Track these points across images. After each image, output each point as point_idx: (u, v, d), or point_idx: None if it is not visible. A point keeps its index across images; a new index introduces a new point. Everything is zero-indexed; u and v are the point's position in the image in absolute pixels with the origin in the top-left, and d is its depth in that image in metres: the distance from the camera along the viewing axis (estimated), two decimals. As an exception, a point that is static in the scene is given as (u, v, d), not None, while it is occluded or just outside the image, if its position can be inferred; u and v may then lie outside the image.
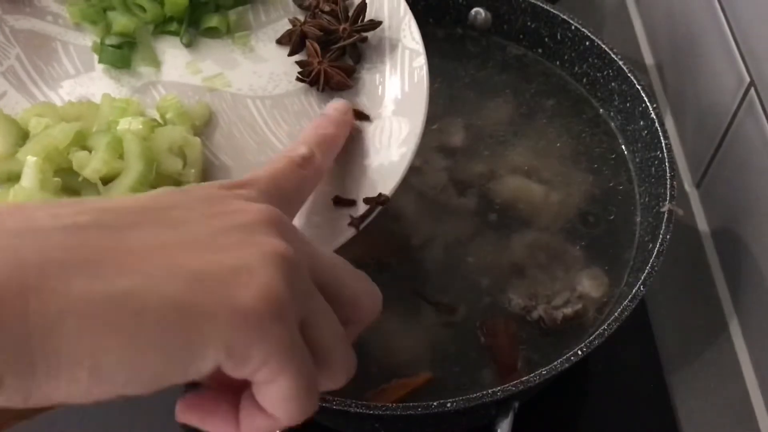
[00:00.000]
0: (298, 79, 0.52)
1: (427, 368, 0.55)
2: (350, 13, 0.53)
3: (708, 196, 0.74)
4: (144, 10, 0.54)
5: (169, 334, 0.25)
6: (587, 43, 0.67)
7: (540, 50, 0.71)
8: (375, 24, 0.52)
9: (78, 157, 0.46)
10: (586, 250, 0.60)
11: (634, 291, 0.52)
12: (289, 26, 0.54)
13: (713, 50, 0.70)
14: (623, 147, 0.66)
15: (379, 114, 0.50)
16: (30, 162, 0.45)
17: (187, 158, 0.49)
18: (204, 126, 0.52)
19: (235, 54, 0.55)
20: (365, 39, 0.53)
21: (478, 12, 0.71)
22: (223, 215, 0.28)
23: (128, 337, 0.24)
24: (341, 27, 0.52)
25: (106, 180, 0.46)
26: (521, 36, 0.71)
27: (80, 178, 0.46)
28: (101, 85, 0.54)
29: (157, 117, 0.51)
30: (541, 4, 0.68)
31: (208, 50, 0.55)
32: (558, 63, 0.70)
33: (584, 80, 0.69)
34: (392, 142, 0.49)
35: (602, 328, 0.50)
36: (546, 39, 0.70)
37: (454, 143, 0.65)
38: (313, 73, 0.52)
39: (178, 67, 0.55)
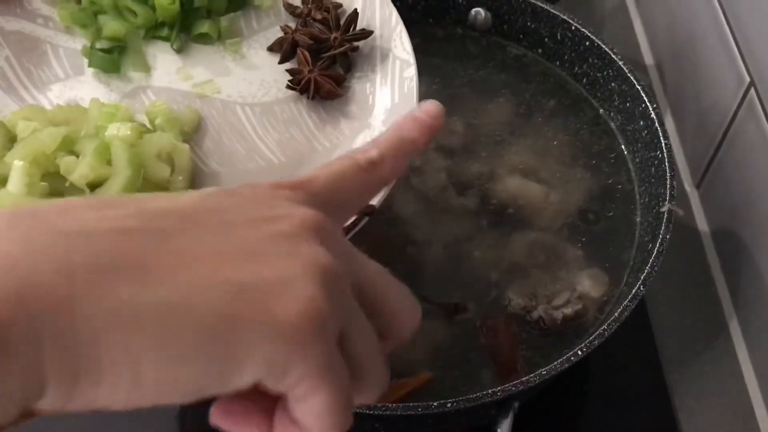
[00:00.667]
0: (288, 86, 0.53)
1: (427, 368, 0.55)
2: (342, 22, 0.53)
3: (708, 196, 0.74)
4: (135, 14, 0.54)
5: (212, 346, 0.24)
6: (587, 43, 0.67)
7: (540, 50, 0.71)
8: (366, 33, 0.52)
9: (65, 162, 0.46)
10: (586, 250, 0.60)
11: (634, 291, 0.52)
12: (280, 34, 0.54)
13: (713, 50, 0.70)
14: (623, 147, 0.66)
15: (368, 123, 0.50)
16: (17, 166, 0.45)
17: (175, 165, 0.48)
18: (193, 132, 0.52)
19: (226, 61, 0.55)
20: (356, 48, 0.53)
21: (478, 12, 0.71)
22: (269, 221, 0.28)
23: (170, 347, 0.24)
24: (332, 36, 0.52)
25: (94, 185, 0.46)
26: (521, 36, 0.71)
27: (67, 183, 0.46)
28: (91, 89, 0.54)
29: (146, 122, 0.51)
30: (541, 4, 0.68)
31: (199, 56, 0.55)
32: (558, 63, 0.70)
33: (584, 80, 0.69)
34: None
35: (602, 328, 0.50)
36: (546, 39, 0.70)
37: (454, 143, 0.65)
38: (303, 81, 0.52)
39: (168, 73, 0.55)
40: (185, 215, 0.27)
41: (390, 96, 0.51)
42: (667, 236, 0.54)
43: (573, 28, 0.67)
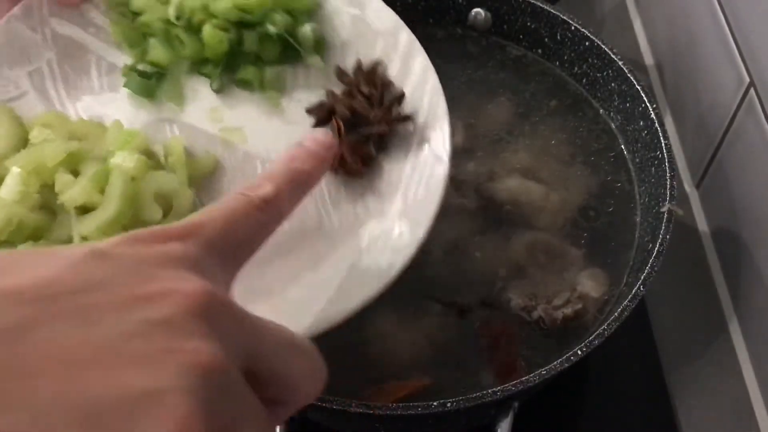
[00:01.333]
0: None
1: (427, 368, 0.55)
2: (386, 100, 0.49)
3: (708, 196, 0.74)
4: (183, 45, 0.52)
5: None
6: (587, 44, 0.67)
7: (540, 50, 0.71)
8: (408, 119, 0.49)
9: (62, 180, 0.44)
10: (586, 250, 0.60)
11: (633, 291, 0.52)
12: (323, 96, 0.51)
13: (713, 50, 0.70)
14: (623, 147, 0.66)
15: (383, 211, 0.47)
16: (14, 173, 0.44)
17: (173, 208, 0.46)
18: (202, 180, 0.49)
19: (262, 111, 0.52)
20: (392, 132, 0.49)
21: (478, 12, 0.71)
22: (146, 302, 0.24)
23: None
24: (373, 113, 0.49)
25: (85, 209, 0.44)
26: (521, 36, 0.71)
27: (59, 201, 0.44)
28: (120, 108, 0.52)
29: (161, 155, 0.49)
30: (541, 5, 0.68)
31: (236, 100, 0.53)
32: (558, 63, 0.70)
33: (584, 80, 0.69)
34: (386, 247, 0.45)
35: (602, 328, 0.50)
36: (546, 39, 0.70)
37: (454, 143, 0.65)
38: None
39: (200, 110, 0.52)
40: (44, 298, 0.23)
41: (414, 189, 0.47)
42: (667, 236, 0.54)
43: (573, 28, 0.67)
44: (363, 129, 0.48)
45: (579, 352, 0.50)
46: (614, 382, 0.66)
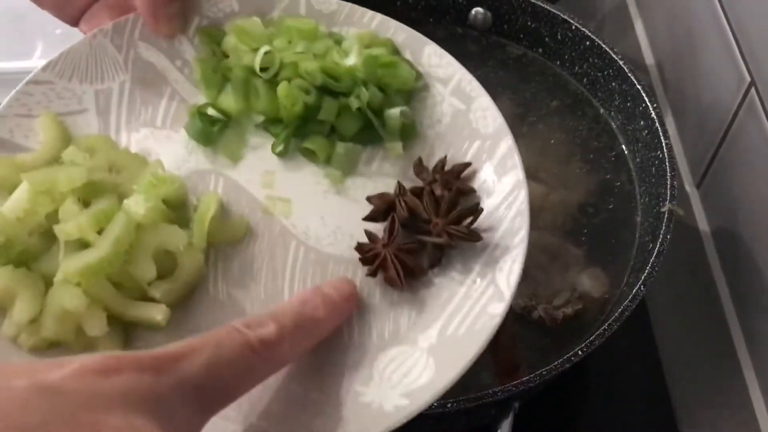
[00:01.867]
0: (355, 248, 0.44)
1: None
2: (456, 210, 0.43)
3: (708, 196, 0.74)
4: (258, 98, 0.48)
5: None
6: (587, 43, 0.67)
7: (540, 50, 0.71)
8: (474, 238, 0.42)
9: (66, 209, 0.41)
10: (587, 250, 0.60)
11: (634, 291, 0.52)
12: (392, 186, 0.45)
13: (714, 50, 0.70)
14: (623, 147, 0.66)
15: (411, 338, 0.41)
16: (22, 188, 0.42)
17: (177, 269, 0.42)
18: (229, 245, 0.45)
19: (320, 188, 0.47)
20: (454, 246, 0.43)
21: (479, 12, 0.71)
22: None
23: None
24: (434, 221, 0.42)
25: (81, 245, 0.41)
26: (521, 36, 0.71)
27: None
28: (172, 148, 0.48)
29: (193, 206, 0.46)
30: (541, 4, 0.68)
31: (294, 169, 0.48)
32: (558, 63, 0.70)
33: (584, 80, 0.69)
34: (399, 385, 0.39)
35: (602, 328, 0.50)
36: (546, 39, 0.70)
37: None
38: (371, 253, 0.43)
39: (253, 171, 0.48)
40: None
41: (458, 322, 0.41)
42: (668, 236, 0.54)
43: (573, 27, 0.67)
44: (419, 236, 0.43)
45: (579, 352, 0.50)
46: (614, 382, 0.66)
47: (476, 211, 0.43)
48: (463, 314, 0.41)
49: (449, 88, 0.49)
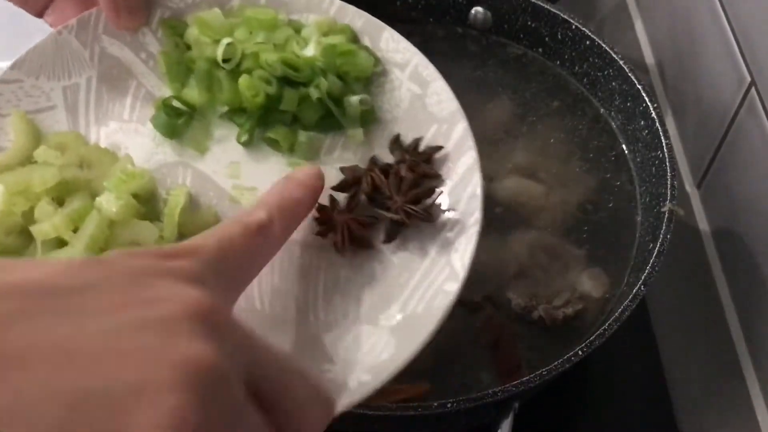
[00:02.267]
0: (316, 208, 0.44)
1: (427, 368, 0.55)
2: (418, 190, 0.44)
3: (709, 196, 0.74)
4: (222, 89, 0.49)
5: None
6: (587, 43, 0.67)
7: (540, 50, 0.71)
8: (430, 218, 0.43)
9: (42, 209, 0.43)
10: (587, 250, 0.60)
11: (634, 291, 0.52)
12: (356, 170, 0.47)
13: (714, 50, 0.70)
14: (624, 147, 0.66)
15: (373, 317, 0.42)
16: None
17: None
18: (199, 232, 0.46)
19: (282, 176, 0.47)
20: (409, 225, 0.44)
21: (479, 11, 0.71)
22: (141, 305, 0.23)
23: None
24: (394, 198, 0.44)
25: (58, 243, 0.42)
26: (521, 35, 0.71)
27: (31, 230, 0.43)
28: (140, 142, 0.49)
29: (162, 199, 0.47)
30: (541, 4, 0.68)
31: (259, 158, 0.49)
32: (558, 62, 0.70)
33: (585, 80, 0.69)
34: (362, 362, 0.40)
35: (603, 328, 0.50)
36: (546, 38, 0.70)
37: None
38: (326, 216, 0.44)
39: (219, 162, 0.49)
40: (35, 293, 0.22)
41: (416, 301, 0.42)
42: (668, 236, 0.54)
43: (573, 27, 0.67)
44: (379, 211, 0.44)
45: (580, 352, 0.50)
46: (614, 382, 0.66)
47: (434, 192, 0.44)
48: (421, 293, 0.42)
49: (407, 72, 0.50)
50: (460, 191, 0.45)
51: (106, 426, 0.20)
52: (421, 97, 0.49)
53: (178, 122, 0.49)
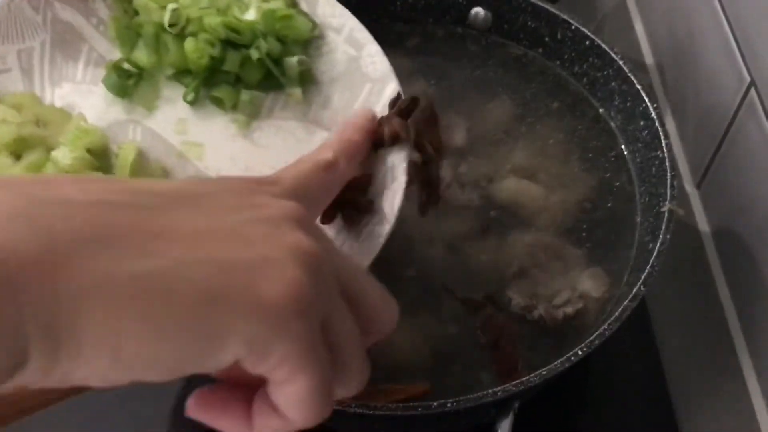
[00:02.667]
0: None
1: (427, 368, 0.55)
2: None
3: (708, 196, 0.74)
4: (168, 52, 0.52)
5: (193, 321, 0.24)
6: (587, 43, 0.67)
7: (540, 50, 0.71)
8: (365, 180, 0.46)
9: (0, 162, 0.46)
10: (587, 250, 0.60)
11: (634, 291, 0.52)
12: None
13: (714, 50, 0.70)
14: (623, 147, 0.66)
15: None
16: None
17: None
18: None
19: (228, 133, 0.52)
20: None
21: (478, 11, 0.71)
22: (251, 207, 0.28)
23: (152, 321, 0.23)
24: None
25: None
26: (521, 35, 0.71)
27: None
28: (93, 102, 0.53)
29: (114, 154, 0.51)
30: (541, 4, 0.68)
31: (205, 117, 0.53)
32: (558, 62, 0.70)
33: (584, 80, 0.69)
34: None
35: (603, 328, 0.50)
36: (546, 38, 0.70)
37: (454, 143, 0.65)
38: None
39: (167, 119, 0.53)
40: (171, 195, 0.27)
41: (350, 242, 0.45)
42: (668, 236, 0.54)
43: (573, 27, 0.67)
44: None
45: (579, 352, 0.50)
46: (614, 381, 0.66)
47: (369, 180, 0.46)
48: (354, 235, 0.45)
49: (342, 36, 0.53)
50: (390, 146, 0.47)
51: (245, 287, 0.25)
52: (356, 59, 0.52)
53: (128, 83, 0.53)
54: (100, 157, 0.50)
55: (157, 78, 0.54)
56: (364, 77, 0.51)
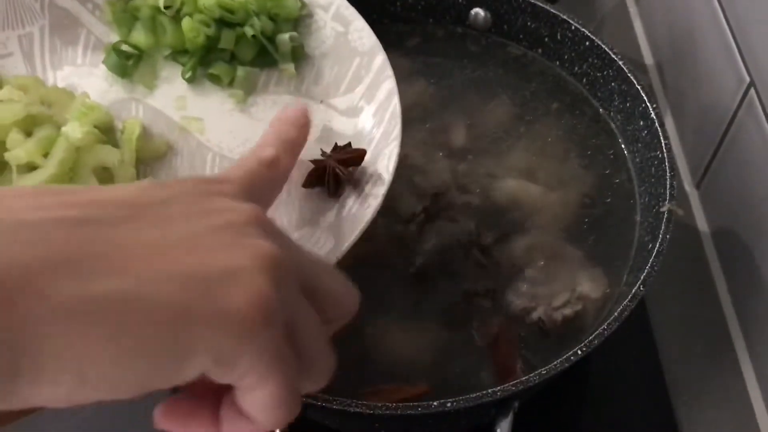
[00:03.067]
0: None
1: (427, 368, 0.55)
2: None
3: (708, 196, 0.74)
4: (165, 33, 0.55)
5: (158, 339, 0.24)
6: (587, 43, 0.67)
7: (540, 50, 0.71)
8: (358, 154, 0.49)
9: (12, 138, 0.47)
10: (586, 251, 0.60)
11: (633, 291, 0.52)
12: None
13: (713, 50, 0.70)
14: (623, 147, 0.66)
15: (314, 221, 0.48)
16: None
17: (116, 180, 0.49)
18: (154, 160, 0.52)
19: (226, 107, 0.55)
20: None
21: (478, 12, 0.71)
22: (211, 213, 0.28)
23: (115, 343, 0.23)
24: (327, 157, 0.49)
25: (33, 169, 0.48)
26: (521, 36, 0.71)
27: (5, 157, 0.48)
28: (95, 83, 0.55)
29: (119, 130, 0.53)
30: (541, 4, 0.68)
31: (203, 93, 0.55)
32: (558, 63, 0.70)
33: (584, 80, 0.69)
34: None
35: (602, 328, 0.50)
36: (546, 39, 0.70)
37: (454, 143, 0.65)
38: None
39: (167, 96, 0.55)
40: (127, 206, 0.27)
41: (350, 204, 0.48)
42: (667, 236, 0.54)
43: (573, 27, 0.67)
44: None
45: (579, 352, 0.50)
46: (614, 382, 0.66)
47: (363, 155, 0.49)
48: (354, 197, 0.48)
49: (330, 13, 0.56)
50: (383, 112, 0.51)
51: (209, 300, 0.25)
52: (344, 34, 0.55)
53: (128, 63, 0.55)
54: (106, 133, 0.52)
55: (156, 58, 0.56)
56: (352, 51, 0.54)
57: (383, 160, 0.48)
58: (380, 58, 0.53)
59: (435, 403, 0.48)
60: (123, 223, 0.26)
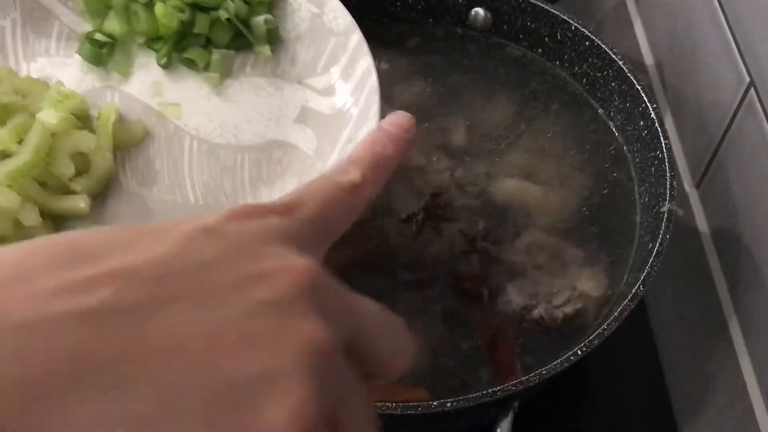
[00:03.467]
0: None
1: (426, 368, 0.55)
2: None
3: (708, 196, 0.74)
4: (139, 20, 0.55)
5: None
6: (587, 43, 0.67)
7: (540, 50, 0.71)
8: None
9: None
10: (586, 250, 0.60)
11: (633, 291, 0.52)
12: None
13: (713, 50, 0.70)
14: (623, 147, 0.66)
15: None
16: None
17: (91, 167, 0.49)
18: (132, 146, 0.53)
19: (202, 92, 0.55)
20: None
21: (478, 12, 0.71)
22: (258, 281, 0.24)
23: None
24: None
25: (3, 156, 0.48)
26: (521, 36, 0.71)
27: None
28: (70, 72, 0.55)
29: (95, 118, 0.53)
30: (541, 4, 0.68)
31: (179, 78, 0.56)
32: (558, 63, 0.70)
33: (584, 80, 0.69)
34: None
35: (602, 327, 0.50)
36: (546, 39, 0.70)
37: (454, 143, 0.65)
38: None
39: (143, 83, 0.55)
40: (165, 276, 0.23)
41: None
42: (667, 236, 0.54)
43: (573, 27, 0.67)
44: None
45: (579, 352, 0.50)
46: (614, 381, 0.66)
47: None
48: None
49: None
50: (360, 90, 0.51)
51: (245, 417, 0.21)
52: (319, 16, 0.55)
53: (102, 51, 0.55)
54: (83, 121, 0.52)
55: (130, 46, 0.56)
56: (328, 32, 0.55)
57: (363, 135, 0.48)
58: (356, 36, 0.53)
59: (435, 403, 0.48)
60: (159, 307, 0.22)
